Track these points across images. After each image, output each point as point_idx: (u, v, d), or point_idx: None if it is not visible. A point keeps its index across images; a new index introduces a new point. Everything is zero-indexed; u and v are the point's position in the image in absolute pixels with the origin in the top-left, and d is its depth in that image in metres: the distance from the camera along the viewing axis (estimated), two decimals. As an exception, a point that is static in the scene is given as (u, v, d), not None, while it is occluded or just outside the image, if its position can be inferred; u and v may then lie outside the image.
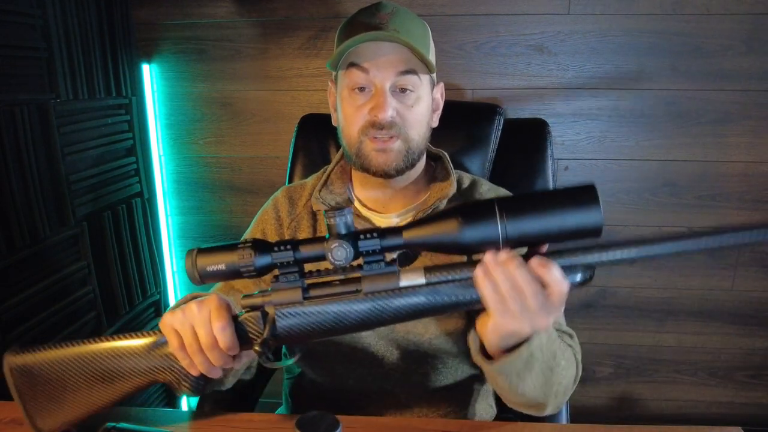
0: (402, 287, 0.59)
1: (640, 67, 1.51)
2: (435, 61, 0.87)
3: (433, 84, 0.89)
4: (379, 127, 0.81)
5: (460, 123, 1.19)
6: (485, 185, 0.95)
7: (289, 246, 0.59)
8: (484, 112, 1.22)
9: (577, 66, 1.52)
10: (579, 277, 0.58)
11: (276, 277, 0.61)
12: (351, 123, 0.83)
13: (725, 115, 1.52)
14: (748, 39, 1.46)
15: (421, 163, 0.90)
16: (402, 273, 0.60)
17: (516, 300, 0.57)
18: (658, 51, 1.49)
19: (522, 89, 1.55)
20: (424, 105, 0.84)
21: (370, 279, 0.60)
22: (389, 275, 0.60)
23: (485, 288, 0.58)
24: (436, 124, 0.92)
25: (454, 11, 1.51)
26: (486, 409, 0.95)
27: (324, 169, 0.98)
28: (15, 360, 0.66)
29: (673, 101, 1.52)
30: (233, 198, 1.72)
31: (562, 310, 0.60)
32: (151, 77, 1.63)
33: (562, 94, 1.55)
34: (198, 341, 0.62)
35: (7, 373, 0.66)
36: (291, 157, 1.25)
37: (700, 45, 1.47)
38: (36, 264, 1.25)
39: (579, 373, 0.80)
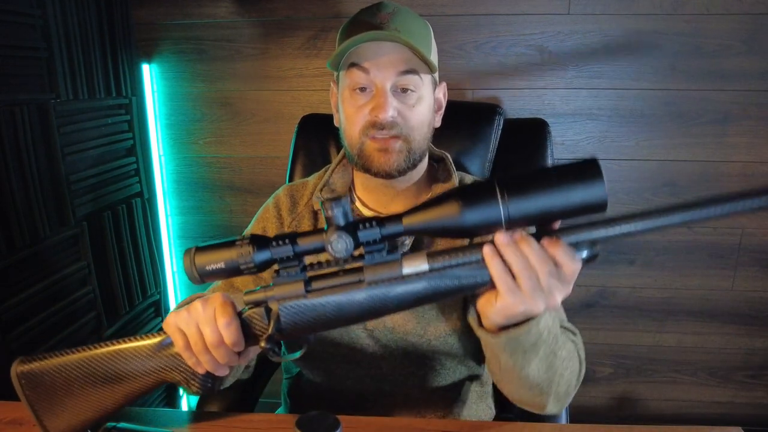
0: (405, 275, 0.58)
1: (640, 67, 1.51)
2: (437, 61, 0.87)
3: (435, 84, 0.88)
4: (380, 128, 0.80)
5: (460, 123, 1.19)
6: None
7: (288, 240, 0.58)
8: (484, 112, 1.22)
9: (577, 66, 1.52)
10: (585, 254, 0.57)
11: (277, 272, 0.60)
12: (352, 123, 0.83)
13: (725, 115, 1.52)
14: (748, 39, 1.46)
15: (423, 164, 0.89)
16: (404, 260, 0.58)
17: (528, 279, 0.56)
18: (658, 51, 1.49)
19: (522, 89, 1.55)
20: (425, 105, 0.84)
21: (372, 268, 0.59)
22: (392, 263, 0.58)
23: (495, 268, 0.56)
24: (438, 124, 0.91)
25: (454, 11, 1.51)
26: (485, 410, 0.95)
27: (326, 168, 0.97)
28: (22, 368, 0.66)
29: (673, 101, 1.52)
30: (233, 198, 1.72)
31: (570, 289, 0.58)
32: (151, 77, 1.63)
33: (562, 94, 1.55)
34: (203, 340, 0.62)
35: (16, 382, 0.66)
36: (291, 157, 1.24)
37: (700, 45, 1.47)
38: (36, 264, 1.24)
39: (583, 371, 0.78)
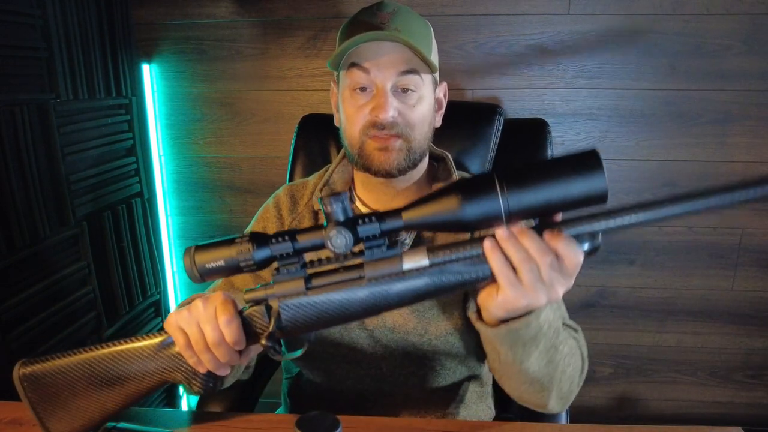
0: (406, 270, 0.58)
1: (640, 67, 1.51)
2: (438, 61, 0.87)
3: (436, 83, 0.88)
4: (381, 127, 0.80)
5: (460, 123, 1.19)
6: None
7: (287, 236, 0.58)
8: (484, 112, 1.22)
9: (577, 66, 1.52)
10: (587, 246, 0.57)
11: (277, 270, 0.60)
12: (352, 123, 0.83)
13: (725, 115, 1.52)
14: (748, 39, 1.46)
15: (424, 164, 0.89)
16: (405, 255, 0.58)
17: (529, 272, 0.55)
18: (658, 51, 1.49)
19: (522, 89, 1.55)
20: (426, 105, 0.84)
21: (372, 264, 0.58)
22: (392, 259, 0.58)
23: (496, 261, 0.56)
24: (439, 123, 0.91)
25: (454, 11, 1.51)
26: (485, 411, 0.95)
27: (326, 168, 0.97)
28: (25, 371, 0.66)
29: (673, 101, 1.52)
30: (233, 198, 1.72)
31: (572, 282, 0.58)
32: (151, 77, 1.63)
33: (562, 94, 1.55)
34: (204, 338, 0.62)
35: (18, 385, 0.66)
36: (291, 157, 1.24)
37: (700, 45, 1.47)
38: (36, 264, 1.24)
39: (586, 368, 0.77)
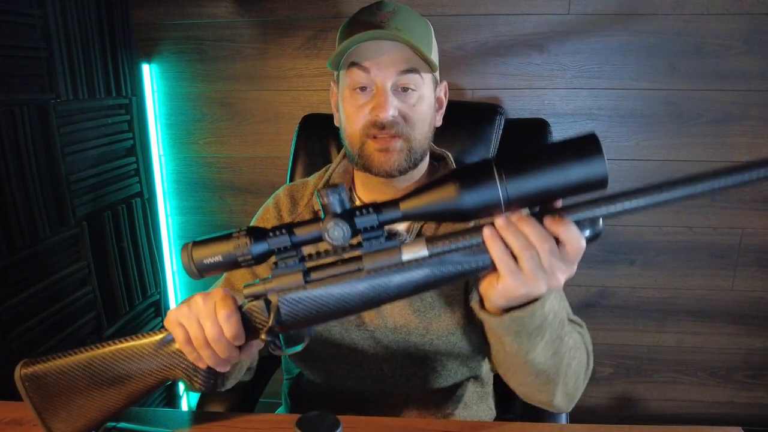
0: (405, 261, 0.58)
1: (640, 67, 1.51)
2: (438, 60, 0.87)
3: (436, 83, 0.88)
4: (381, 127, 0.80)
5: (460, 123, 1.19)
6: None
7: (285, 230, 0.57)
8: (484, 112, 1.22)
9: (577, 66, 1.52)
10: (588, 233, 0.56)
11: (275, 264, 0.60)
12: (353, 123, 0.83)
13: (725, 115, 1.52)
14: (748, 39, 1.46)
15: (424, 163, 0.89)
16: (404, 247, 0.58)
17: (529, 259, 0.55)
18: (658, 51, 1.49)
19: (522, 89, 1.55)
20: (426, 104, 0.84)
21: (371, 256, 0.58)
22: (391, 250, 0.58)
23: (496, 249, 0.55)
24: (439, 123, 0.91)
25: (454, 11, 1.51)
26: (485, 411, 0.95)
27: (326, 168, 0.97)
28: (26, 371, 0.66)
29: (673, 101, 1.52)
30: (233, 198, 1.72)
31: (574, 269, 0.57)
32: (151, 77, 1.63)
33: (562, 94, 1.55)
34: (204, 334, 0.62)
35: (20, 385, 0.65)
36: (292, 157, 1.24)
37: (700, 45, 1.47)
38: (36, 264, 1.24)
39: (591, 364, 0.77)
